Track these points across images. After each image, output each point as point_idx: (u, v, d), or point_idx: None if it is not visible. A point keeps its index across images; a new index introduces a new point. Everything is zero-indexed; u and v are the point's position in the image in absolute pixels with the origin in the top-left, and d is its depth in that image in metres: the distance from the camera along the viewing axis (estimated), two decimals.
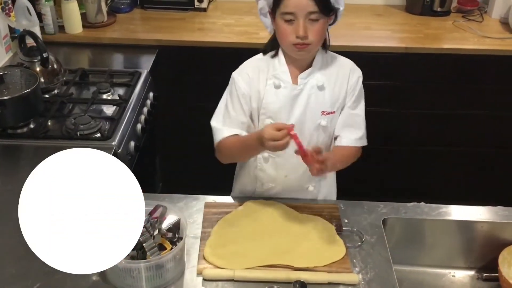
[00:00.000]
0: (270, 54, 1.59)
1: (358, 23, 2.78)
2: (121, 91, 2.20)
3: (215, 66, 2.44)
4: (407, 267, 1.60)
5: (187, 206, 1.58)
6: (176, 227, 1.38)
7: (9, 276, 1.33)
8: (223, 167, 1.76)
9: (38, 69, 2.10)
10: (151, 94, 2.34)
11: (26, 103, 1.89)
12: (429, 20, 2.84)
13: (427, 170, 2.88)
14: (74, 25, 2.58)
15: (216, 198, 1.63)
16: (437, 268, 1.63)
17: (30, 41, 2.15)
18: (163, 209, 1.39)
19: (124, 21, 2.77)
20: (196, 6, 2.86)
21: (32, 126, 1.95)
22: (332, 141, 1.63)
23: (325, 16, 1.47)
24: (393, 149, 2.81)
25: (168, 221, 1.38)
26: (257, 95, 1.57)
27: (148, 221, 1.33)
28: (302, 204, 1.60)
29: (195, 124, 2.39)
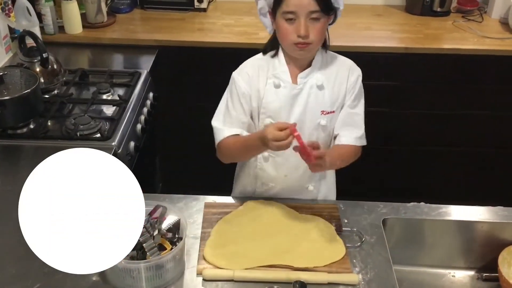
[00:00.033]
0: (270, 54, 1.59)
1: (358, 23, 2.78)
2: (121, 91, 2.20)
3: (215, 66, 2.45)
4: (407, 267, 1.60)
5: (187, 206, 1.58)
6: (176, 227, 1.38)
7: (9, 276, 1.33)
8: (223, 167, 1.76)
9: (38, 69, 2.10)
10: (151, 94, 2.34)
11: (26, 103, 1.89)
12: (429, 20, 2.84)
13: (427, 170, 2.88)
14: (74, 25, 2.58)
15: (216, 198, 1.63)
16: (437, 268, 1.63)
17: (30, 42, 2.15)
18: (163, 210, 1.39)
19: (124, 21, 2.77)
20: (195, 7, 2.86)
21: (32, 126, 1.95)
22: (332, 140, 1.63)
23: (325, 15, 1.47)
24: (393, 149, 2.81)
25: (168, 221, 1.38)
26: (257, 94, 1.57)
27: (148, 221, 1.33)
28: (302, 204, 1.60)
29: (195, 124, 2.39)
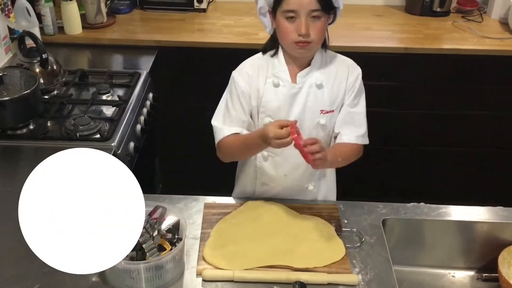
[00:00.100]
0: (269, 54, 1.59)
1: (358, 24, 2.78)
2: (120, 92, 2.20)
3: (215, 67, 2.45)
4: (407, 267, 1.60)
5: (187, 207, 1.58)
6: (176, 228, 1.38)
7: (9, 277, 1.33)
8: (223, 168, 1.76)
9: (37, 70, 2.10)
10: (150, 94, 2.34)
11: (26, 104, 1.89)
12: (428, 20, 2.84)
13: (427, 170, 2.88)
14: (74, 26, 2.58)
15: (216, 199, 1.63)
16: (436, 269, 1.63)
17: (29, 42, 2.15)
18: (163, 210, 1.39)
19: (123, 22, 2.77)
20: (195, 7, 2.86)
21: (31, 127, 1.95)
22: (332, 140, 1.63)
23: (326, 14, 1.48)
24: (393, 149, 2.80)
25: (168, 222, 1.38)
26: (257, 93, 1.57)
27: (147, 222, 1.33)
28: (301, 205, 1.60)
29: (194, 125, 2.39)
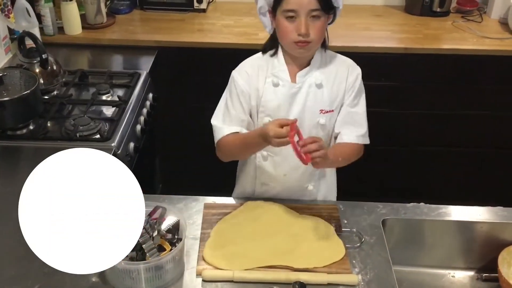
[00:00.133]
0: (269, 53, 1.59)
1: (358, 24, 2.78)
2: (120, 92, 2.20)
3: (215, 67, 2.44)
4: (407, 267, 1.60)
5: (187, 207, 1.58)
6: (176, 228, 1.38)
7: (9, 277, 1.33)
8: (223, 168, 1.76)
9: (37, 70, 2.10)
10: (150, 95, 2.34)
11: (26, 104, 1.89)
12: (428, 20, 2.84)
13: (427, 170, 2.88)
14: (74, 26, 2.58)
15: (216, 199, 1.63)
16: (436, 269, 1.63)
17: (29, 43, 2.15)
18: (163, 210, 1.39)
19: (123, 22, 2.77)
20: (195, 7, 2.86)
21: (31, 127, 1.95)
22: (332, 140, 1.63)
23: (325, 14, 1.48)
24: (392, 149, 2.80)
25: (168, 222, 1.38)
26: (256, 93, 1.57)
27: (147, 222, 1.33)
28: (301, 205, 1.60)
29: (194, 125, 2.39)
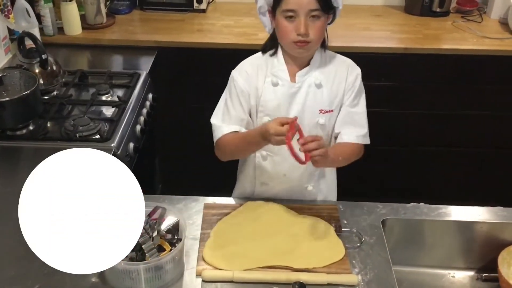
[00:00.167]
0: (269, 53, 1.60)
1: (358, 24, 2.78)
2: (120, 92, 2.20)
3: (214, 67, 2.44)
4: (407, 267, 1.60)
5: (187, 207, 1.58)
6: (175, 229, 1.38)
7: (9, 277, 1.33)
8: (222, 168, 1.76)
9: (37, 70, 2.10)
10: (150, 95, 2.34)
11: (25, 104, 1.89)
12: (428, 20, 2.84)
13: (427, 170, 2.88)
14: (73, 26, 2.58)
15: (216, 199, 1.63)
16: (436, 269, 1.63)
17: (29, 43, 2.15)
18: (162, 211, 1.39)
19: (123, 22, 2.77)
20: (195, 7, 2.86)
21: (31, 127, 1.95)
22: (332, 140, 1.63)
23: (325, 14, 1.48)
24: (392, 149, 2.80)
25: (167, 222, 1.38)
26: (256, 92, 1.57)
27: (147, 222, 1.33)
28: (301, 205, 1.60)
29: (194, 125, 2.39)
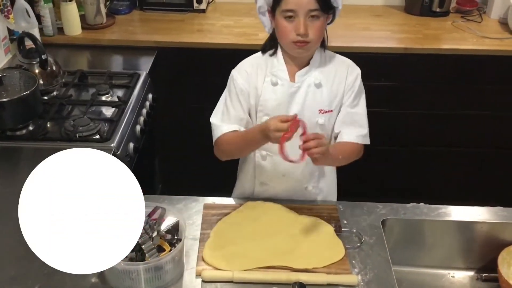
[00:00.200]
0: (268, 53, 1.60)
1: (357, 24, 2.78)
2: (120, 92, 2.20)
3: (214, 67, 2.44)
4: (406, 267, 1.60)
5: (186, 208, 1.58)
6: (175, 229, 1.38)
7: (9, 277, 1.33)
8: (222, 168, 1.76)
9: (37, 71, 2.10)
10: (150, 95, 2.34)
11: (25, 105, 1.89)
12: (428, 20, 2.84)
13: (427, 170, 2.88)
14: (73, 27, 2.58)
15: (215, 200, 1.63)
16: (436, 269, 1.63)
17: (29, 43, 2.15)
18: (162, 211, 1.39)
19: (123, 22, 2.77)
20: (195, 8, 2.86)
21: (31, 128, 1.95)
22: (331, 140, 1.63)
23: (324, 14, 1.48)
24: (392, 149, 2.80)
25: (167, 222, 1.38)
26: (255, 92, 1.57)
27: (147, 222, 1.33)
28: (301, 205, 1.60)
29: (194, 125, 2.39)
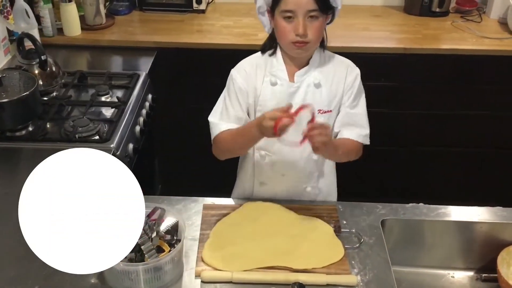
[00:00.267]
0: (268, 53, 1.59)
1: (357, 24, 2.78)
2: (119, 93, 2.20)
3: (214, 68, 2.44)
4: (406, 268, 1.60)
5: (186, 208, 1.58)
6: (175, 229, 1.38)
7: (9, 278, 1.33)
8: (222, 168, 1.76)
9: (36, 71, 2.10)
10: (149, 96, 2.34)
11: (25, 105, 1.89)
12: (427, 20, 2.84)
13: (426, 170, 2.88)
14: (73, 27, 2.58)
15: (215, 200, 1.63)
16: (436, 269, 1.63)
17: (28, 44, 2.15)
18: (161, 211, 1.39)
19: (122, 23, 2.77)
20: (194, 8, 2.86)
21: (30, 128, 1.95)
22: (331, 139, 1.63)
23: (324, 14, 1.48)
24: (392, 149, 2.80)
25: (167, 223, 1.38)
26: (254, 91, 1.57)
27: (146, 223, 1.33)
28: (300, 206, 1.60)
29: (193, 126, 2.38)
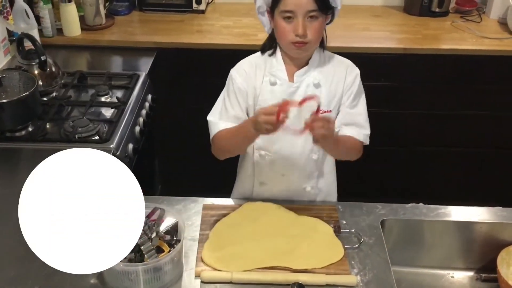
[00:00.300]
0: (268, 53, 1.59)
1: (357, 24, 2.79)
2: (119, 93, 2.20)
3: (214, 68, 2.44)
4: (406, 268, 1.60)
5: (185, 209, 1.58)
6: (174, 230, 1.38)
7: (9, 278, 1.33)
8: (222, 168, 1.76)
9: (36, 72, 2.10)
10: (149, 96, 2.34)
11: (25, 106, 1.89)
12: (427, 20, 2.84)
13: (426, 170, 2.88)
14: (73, 27, 2.58)
15: (215, 200, 1.63)
16: (435, 269, 1.63)
17: (28, 44, 2.15)
18: (161, 212, 1.39)
19: (122, 23, 2.77)
20: (194, 8, 2.86)
21: (30, 129, 1.95)
22: None
23: (323, 15, 1.48)
24: (392, 149, 2.80)
25: (166, 223, 1.38)
26: (253, 91, 1.57)
27: (146, 223, 1.33)
28: (300, 206, 1.60)
29: (193, 126, 2.38)
